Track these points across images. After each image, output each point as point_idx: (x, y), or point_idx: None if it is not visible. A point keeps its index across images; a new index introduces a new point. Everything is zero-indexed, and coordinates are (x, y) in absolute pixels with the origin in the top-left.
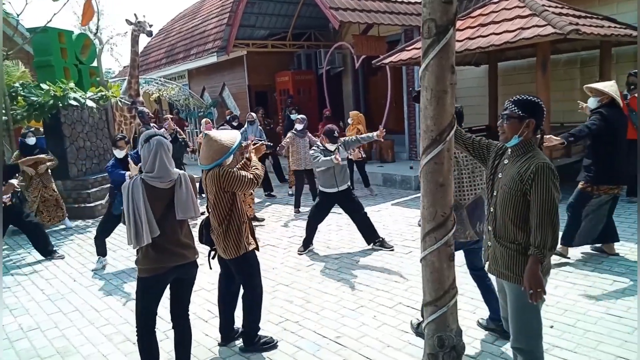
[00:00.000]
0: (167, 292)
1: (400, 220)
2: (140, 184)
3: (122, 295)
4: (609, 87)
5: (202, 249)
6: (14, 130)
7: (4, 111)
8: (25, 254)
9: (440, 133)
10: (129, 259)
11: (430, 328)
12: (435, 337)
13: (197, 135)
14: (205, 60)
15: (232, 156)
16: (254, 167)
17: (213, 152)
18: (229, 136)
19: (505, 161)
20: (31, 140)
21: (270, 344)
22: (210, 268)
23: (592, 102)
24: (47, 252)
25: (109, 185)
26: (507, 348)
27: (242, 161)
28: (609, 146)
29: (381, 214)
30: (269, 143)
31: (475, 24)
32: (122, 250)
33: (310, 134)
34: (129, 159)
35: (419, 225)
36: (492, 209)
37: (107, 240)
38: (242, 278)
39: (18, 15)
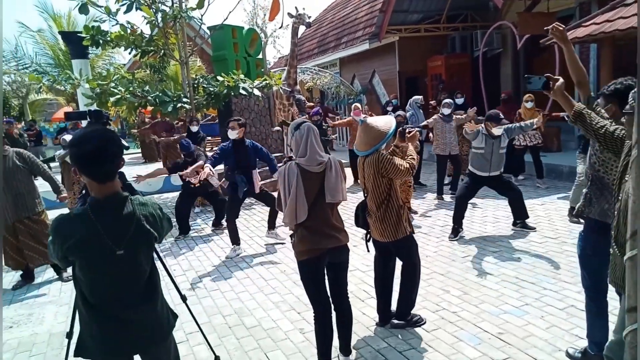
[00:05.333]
0: None
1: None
2: (296, 168)
3: (285, 265)
4: None
5: (355, 232)
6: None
7: (180, 99)
8: (204, 226)
9: None
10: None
11: (634, 337)
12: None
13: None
14: (356, 48)
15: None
16: (410, 157)
17: (371, 139)
18: (385, 122)
19: None
20: (194, 128)
21: (420, 322)
22: (368, 251)
23: None
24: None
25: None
26: None
27: (391, 148)
28: None
29: (546, 208)
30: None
31: None
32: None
33: (457, 115)
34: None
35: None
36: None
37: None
38: (401, 257)
39: (201, 17)
